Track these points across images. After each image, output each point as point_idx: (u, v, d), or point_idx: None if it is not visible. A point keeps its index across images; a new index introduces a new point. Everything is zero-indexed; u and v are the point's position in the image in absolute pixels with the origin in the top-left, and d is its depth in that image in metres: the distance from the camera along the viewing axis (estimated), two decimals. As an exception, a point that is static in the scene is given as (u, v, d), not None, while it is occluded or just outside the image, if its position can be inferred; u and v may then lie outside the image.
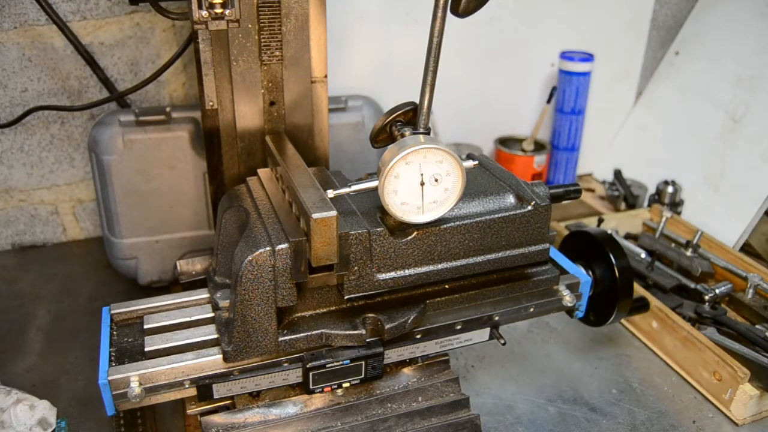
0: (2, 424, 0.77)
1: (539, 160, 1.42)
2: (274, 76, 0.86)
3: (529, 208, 0.73)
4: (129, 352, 0.72)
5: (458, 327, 0.77)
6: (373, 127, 0.73)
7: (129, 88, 1.08)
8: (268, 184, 0.80)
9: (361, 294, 0.70)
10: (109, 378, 0.66)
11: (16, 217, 1.23)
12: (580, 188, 0.82)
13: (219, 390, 0.70)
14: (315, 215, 0.62)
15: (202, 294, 0.80)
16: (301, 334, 0.70)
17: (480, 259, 0.73)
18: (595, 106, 1.48)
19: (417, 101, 0.70)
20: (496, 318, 0.79)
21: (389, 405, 0.77)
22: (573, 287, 0.83)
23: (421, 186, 0.67)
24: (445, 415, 0.78)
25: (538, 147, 1.44)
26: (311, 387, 0.72)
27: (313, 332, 0.70)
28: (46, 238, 1.27)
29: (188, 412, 0.73)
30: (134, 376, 0.67)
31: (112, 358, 0.71)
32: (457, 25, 0.70)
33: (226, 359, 0.69)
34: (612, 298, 0.85)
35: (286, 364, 0.71)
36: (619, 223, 1.32)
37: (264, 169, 0.85)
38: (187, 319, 0.76)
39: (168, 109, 1.04)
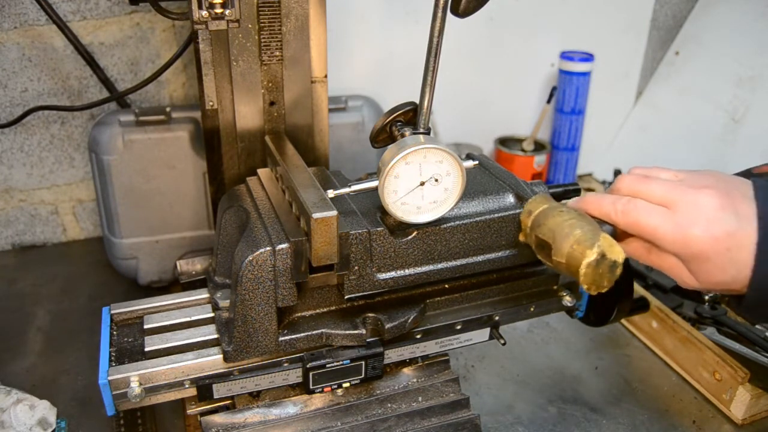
0: (2, 424, 0.77)
1: (539, 160, 1.42)
2: (274, 76, 0.86)
3: (529, 208, 0.73)
4: (129, 352, 0.72)
5: (458, 327, 0.77)
6: (373, 127, 0.73)
7: (129, 88, 1.08)
8: (268, 184, 0.80)
9: (361, 294, 0.70)
10: (109, 378, 0.66)
11: (16, 217, 1.23)
12: (579, 188, 0.82)
13: (219, 390, 0.70)
14: (315, 215, 0.62)
15: (202, 294, 0.80)
16: (302, 334, 0.70)
17: (480, 258, 0.73)
18: (595, 106, 1.48)
19: (417, 101, 0.70)
20: (496, 318, 0.79)
21: (389, 405, 0.77)
22: (573, 287, 0.82)
23: (421, 186, 0.67)
24: (445, 415, 0.78)
25: (538, 147, 1.44)
26: (311, 387, 0.71)
27: (314, 332, 0.70)
28: (46, 238, 1.27)
29: (188, 412, 0.73)
30: (134, 376, 0.67)
31: (112, 358, 0.71)
32: (457, 25, 0.70)
33: (226, 359, 0.69)
34: (612, 298, 0.85)
35: (286, 364, 0.71)
36: (619, 223, 1.31)
37: (264, 169, 0.85)
38: (187, 319, 0.76)
39: (168, 109, 1.04)
